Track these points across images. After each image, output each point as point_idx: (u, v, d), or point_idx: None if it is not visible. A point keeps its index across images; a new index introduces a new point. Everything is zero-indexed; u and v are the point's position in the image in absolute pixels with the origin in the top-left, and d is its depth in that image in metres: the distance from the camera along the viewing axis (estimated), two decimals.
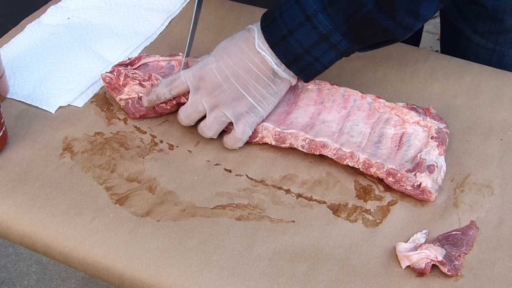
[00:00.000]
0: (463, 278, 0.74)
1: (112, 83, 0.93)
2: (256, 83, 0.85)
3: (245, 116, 0.86)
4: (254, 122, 0.87)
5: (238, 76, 0.84)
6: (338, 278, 0.74)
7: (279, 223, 0.80)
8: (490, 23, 1.05)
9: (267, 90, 0.86)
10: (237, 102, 0.85)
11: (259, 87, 0.85)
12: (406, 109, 0.89)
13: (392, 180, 0.82)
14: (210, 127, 0.87)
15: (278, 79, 0.85)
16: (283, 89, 0.87)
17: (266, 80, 0.85)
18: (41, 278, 1.77)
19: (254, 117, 0.86)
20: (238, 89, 0.85)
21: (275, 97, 0.87)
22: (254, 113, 0.86)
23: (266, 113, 0.88)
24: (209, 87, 0.85)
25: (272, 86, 0.86)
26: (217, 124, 0.87)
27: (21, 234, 0.81)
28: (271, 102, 0.87)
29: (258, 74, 0.84)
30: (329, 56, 0.83)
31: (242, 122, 0.86)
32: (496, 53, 1.07)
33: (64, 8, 1.11)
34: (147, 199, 0.83)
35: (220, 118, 0.86)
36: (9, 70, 0.98)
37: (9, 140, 0.90)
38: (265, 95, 0.86)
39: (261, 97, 0.86)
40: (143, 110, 0.92)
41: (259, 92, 0.85)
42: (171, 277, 0.75)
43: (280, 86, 0.86)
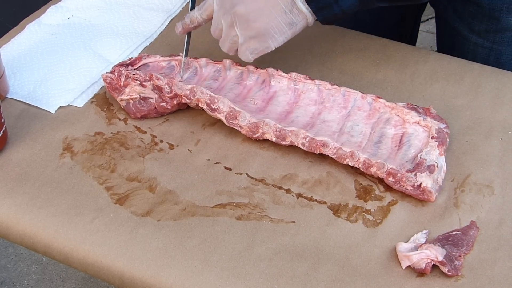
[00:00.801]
0: (463, 278, 0.74)
1: (113, 83, 0.93)
2: (272, 8, 0.84)
3: (250, 41, 0.86)
4: (257, 49, 0.87)
5: (255, 0, 0.84)
6: (338, 278, 0.74)
7: (279, 224, 0.80)
8: (486, 22, 1.05)
9: (282, 18, 0.85)
10: (248, 24, 0.85)
11: (274, 13, 0.84)
12: (407, 109, 0.89)
13: (393, 180, 0.82)
14: (223, 43, 0.89)
15: (295, 10, 0.85)
16: (299, 23, 0.86)
17: (283, 7, 0.84)
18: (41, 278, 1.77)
19: (259, 44, 0.86)
20: (252, 12, 0.85)
21: (289, 28, 0.86)
22: (261, 40, 0.86)
23: (276, 45, 0.87)
24: (227, 6, 0.86)
25: (288, 15, 0.85)
26: (229, 42, 0.88)
27: (21, 234, 0.81)
28: (284, 33, 0.86)
29: (276, 1, 0.84)
30: (349, 1, 0.83)
31: (245, 46, 0.87)
32: (494, 52, 1.07)
33: (64, 8, 1.11)
34: (147, 198, 0.83)
35: (232, 37, 0.87)
36: (9, 70, 0.98)
37: (9, 140, 0.90)
38: (279, 23, 0.85)
39: (274, 25, 0.85)
40: (144, 110, 0.92)
41: (273, 18, 0.85)
42: (171, 277, 0.75)
43: (297, 17, 0.85)
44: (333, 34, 1.06)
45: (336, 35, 1.06)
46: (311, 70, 1.00)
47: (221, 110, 0.88)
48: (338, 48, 1.03)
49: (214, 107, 0.88)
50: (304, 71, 0.98)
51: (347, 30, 1.07)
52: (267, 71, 0.94)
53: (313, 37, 1.05)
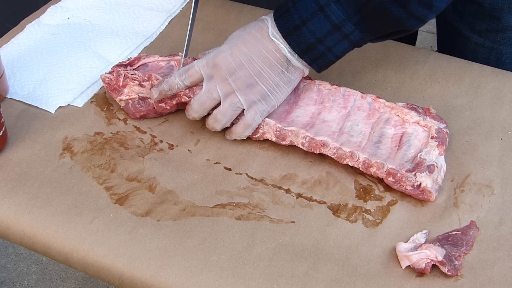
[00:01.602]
0: (463, 278, 0.74)
1: (111, 84, 0.93)
2: (270, 70, 0.85)
3: (257, 104, 0.86)
4: (265, 110, 0.87)
5: (252, 63, 0.85)
6: (338, 278, 0.74)
7: (279, 224, 0.80)
8: (487, 22, 1.05)
9: (280, 78, 0.86)
10: (250, 89, 0.85)
11: (272, 74, 0.85)
12: (406, 109, 0.89)
13: (392, 180, 0.82)
14: (225, 114, 0.87)
15: (291, 67, 0.86)
16: (296, 79, 0.88)
17: (279, 67, 0.85)
18: (41, 278, 1.77)
19: (265, 105, 0.87)
20: (252, 76, 0.85)
21: (288, 86, 0.87)
22: (266, 101, 0.86)
23: (278, 103, 0.88)
24: (224, 73, 0.85)
25: (286, 74, 0.86)
26: (232, 111, 0.87)
27: (21, 234, 0.81)
28: (284, 91, 0.87)
29: (272, 61, 0.85)
30: (342, 46, 0.84)
31: (253, 109, 0.86)
32: (494, 51, 1.07)
33: (64, 8, 1.11)
34: (147, 198, 0.83)
35: (235, 104, 0.86)
36: (9, 70, 0.98)
37: (9, 140, 0.90)
38: (279, 83, 0.86)
39: (274, 85, 0.86)
40: (143, 111, 0.92)
41: (272, 79, 0.86)
42: (171, 277, 0.75)
43: (294, 74, 0.87)
44: None
45: None
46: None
47: None
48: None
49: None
50: None
51: None
52: None
53: None
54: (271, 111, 0.88)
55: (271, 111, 0.88)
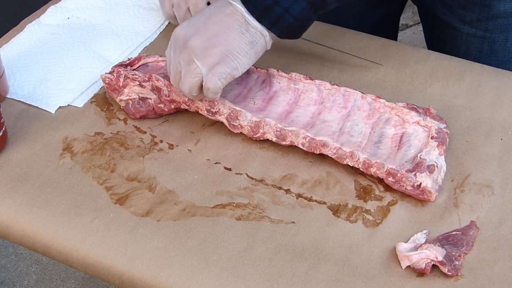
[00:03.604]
0: (463, 278, 0.74)
1: (112, 84, 0.93)
2: (228, 31, 0.83)
3: (215, 67, 0.83)
4: (225, 73, 0.84)
5: (209, 28, 0.83)
6: (338, 278, 0.74)
7: (279, 224, 0.80)
8: (478, 11, 1.05)
9: (240, 38, 0.83)
10: (207, 53, 0.83)
11: (231, 35, 0.83)
12: (406, 109, 0.89)
13: (392, 180, 0.82)
14: (184, 82, 0.85)
15: (251, 28, 0.83)
16: (259, 42, 0.84)
17: (238, 28, 0.83)
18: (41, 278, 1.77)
19: (225, 67, 0.84)
20: (209, 39, 0.83)
21: (250, 47, 0.84)
22: (226, 63, 0.83)
23: (242, 67, 0.85)
24: (181, 43, 0.84)
25: (246, 34, 0.83)
26: (191, 77, 0.84)
27: (21, 234, 0.81)
28: (246, 54, 0.84)
29: (230, 23, 0.83)
30: (299, 7, 0.81)
31: (211, 72, 0.84)
32: (487, 40, 1.07)
33: (64, 8, 1.11)
34: (147, 198, 0.83)
35: (193, 70, 0.84)
36: (9, 70, 0.98)
37: (9, 140, 0.90)
38: (239, 44, 0.83)
39: (235, 46, 0.83)
40: (143, 111, 0.92)
41: (231, 40, 0.83)
42: (171, 277, 0.75)
43: (255, 36, 0.83)
44: (333, 34, 1.06)
45: (336, 35, 1.06)
46: (311, 70, 1.00)
47: (222, 112, 0.88)
48: (338, 47, 1.03)
49: (214, 110, 0.88)
50: (304, 71, 0.98)
51: (347, 30, 1.07)
52: (267, 71, 0.94)
53: (313, 37, 1.05)
54: (236, 76, 0.85)
55: (235, 76, 0.84)
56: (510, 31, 1.05)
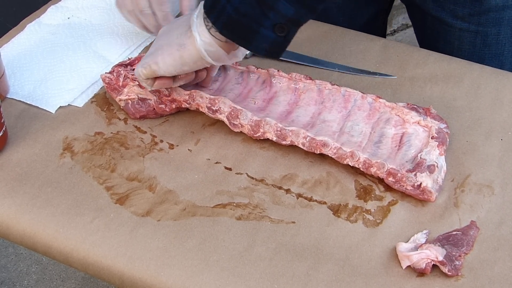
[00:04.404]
0: (463, 278, 0.74)
1: (111, 83, 0.93)
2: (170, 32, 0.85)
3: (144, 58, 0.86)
4: (146, 63, 0.84)
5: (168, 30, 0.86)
6: (338, 278, 0.74)
7: (279, 224, 0.80)
8: (469, 6, 1.05)
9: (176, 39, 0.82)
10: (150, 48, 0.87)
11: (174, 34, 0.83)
12: (407, 109, 0.89)
13: (393, 180, 0.82)
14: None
15: (189, 33, 0.81)
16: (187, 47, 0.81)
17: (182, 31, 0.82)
18: (41, 278, 1.76)
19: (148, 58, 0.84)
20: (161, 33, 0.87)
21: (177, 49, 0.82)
22: (151, 56, 0.84)
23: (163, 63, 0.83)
24: None
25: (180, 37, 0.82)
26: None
27: (21, 234, 0.81)
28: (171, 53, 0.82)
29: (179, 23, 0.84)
30: None
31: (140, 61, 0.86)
32: (480, 34, 1.07)
33: (64, 8, 1.11)
34: (147, 198, 0.83)
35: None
36: (9, 70, 0.98)
37: (9, 140, 0.90)
38: (170, 42, 0.82)
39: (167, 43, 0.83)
40: (143, 111, 0.92)
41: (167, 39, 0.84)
42: (171, 277, 0.75)
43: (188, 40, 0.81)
44: (333, 35, 1.06)
45: (336, 36, 1.06)
46: (311, 70, 1.00)
47: (222, 111, 0.88)
48: (338, 49, 1.03)
49: (215, 108, 0.88)
50: (304, 71, 0.98)
51: (347, 31, 1.07)
52: (268, 71, 0.94)
53: (313, 38, 1.05)
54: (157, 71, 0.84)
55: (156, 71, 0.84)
56: (502, 25, 1.06)
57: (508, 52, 1.08)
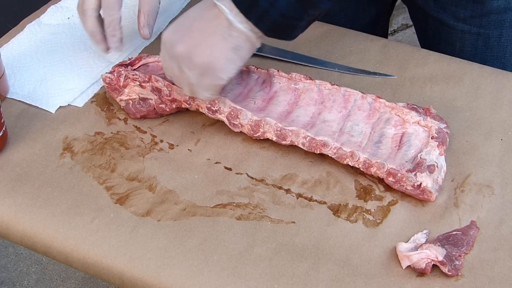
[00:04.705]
0: (463, 278, 0.74)
1: (112, 84, 0.93)
2: (210, 38, 0.80)
3: (201, 79, 0.82)
4: (210, 86, 0.83)
5: (192, 34, 0.81)
6: (338, 278, 0.74)
7: (279, 224, 0.80)
8: (471, 8, 1.05)
9: (223, 44, 0.80)
10: (193, 63, 0.81)
11: (214, 42, 0.80)
12: (407, 109, 0.89)
13: (393, 180, 0.82)
14: (182, 87, 0.85)
15: (234, 32, 0.79)
16: (244, 46, 0.81)
17: (221, 34, 0.79)
18: (41, 278, 1.77)
19: (209, 79, 0.82)
20: (192, 48, 0.80)
21: (234, 53, 0.80)
22: (209, 75, 0.81)
23: (227, 74, 0.82)
24: (169, 49, 0.83)
25: (229, 40, 0.80)
26: (187, 86, 0.84)
27: (21, 234, 0.81)
28: (231, 61, 0.81)
29: (213, 29, 0.80)
30: (284, 1, 0.77)
31: (198, 85, 0.83)
32: (482, 36, 1.07)
33: (64, 8, 1.11)
34: (147, 198, 0.83)
35: (185, 78, 0.83)
36: (9, 70, 0.98)
37: (9, 140, 0.90)
38: (222, 52, 0.80)
39: (218, 55, 0.80)
40: (143, 111, 0.92)
41: (214, 49, 0.80)
42: (171, 277, 0.75)
43: (239, 40, 0.80)
44: (333, 35, 1.06)
45: (336, 36, 1.06)
46: (311, 70, 1.00)
47: (222, 111, 0.88)
48: (338, 49, 1.03)
49: (214, 108, 0.88)
50: (304, 71, 0.98)
51: (347, 31, 1.07)
52: (268, 71, 0.94)
53: (313, 38, 1.05)
54: (222, 84, 0.83)
55: (221, 84, 0.83)
56: (504, 27, 1.06)
57: (510, 54, 1.08)
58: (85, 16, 0.92)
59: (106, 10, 0.91)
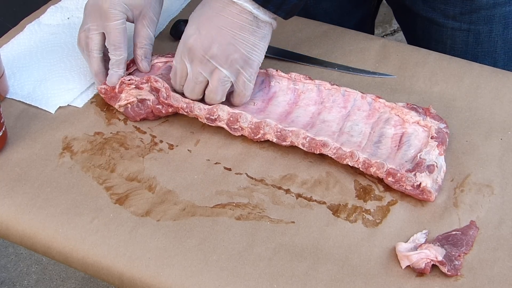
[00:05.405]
0: (463, 278, 0.74)
1: (108, 93, 0.92)
2: (242, 33, 0.85)
3: (242, 71, 0.86)
4: (252, 73, 0.88)
5: (223, 33, 0.84)
6: (338, 278, 0.74)
7: (278, 224, 0.80)
8: (460, 5, 1.05)
9: (254, 36, 0.85)
10: (231, 59, 0.85)
11: (246, 36, 0.85)
12: (406, 109, 0.89)
13: (392, 180, 0.82)
14: (217, 91, 0.87)
15: (261, 23, 0.85)
16: (268, 33, 0.87)
17: (250, 27, 0.85)
18: (41, 278, 1.77)
19: (250, 68, 0.87)
20: (227, 46, 0.85)
21: (263, 41, 0.87)
22: (250, 65, 0.87)
23: (260, 61, 0.88)
24: (200, 54, 0.85)
25: (258, 31, 0.85)
26: (222, 86, 0.87)
27: (21, 234, 0.81)
28: (262, 48, 0.87)
29: (241, 24, 0.84)
30: None
31: (241, 78, 0.87)
32: (472, 33, 1.08)
33: (64, 8, 1.11)
34: (147, 198, 0.83)
35: (223, 79, 0.86)
36: (9, 70, 0.98)
37: (9, 140, 0.90)
38: (254, 43, 0.86)
39: (252, 46, 0.86)
40: (142, 114, 0.92)
41: (248, 41, 0.85)
42: (171, 277, 0.75)
43: (265, 28, 0.86)
44: (333, 35, 1.06)
45: (336, 35, 1.06)
46: (311, 70, 1.00)
47: (221, 118, 0.88)
48: (338, 49, 1.03)
49: (214, 117, 0.88)
50: (304, 71, 0.98)
51: (347, 31, 1.07)
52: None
53: (313, 37, 1.05)
54: (258, 70, 0.89)
55: (258, 71, 0.89)
56: (494, 22, 1.06)
57: (500, 49, 1.08)
58: (90, 57, 0.93)
59: (113, 50, 0.92)
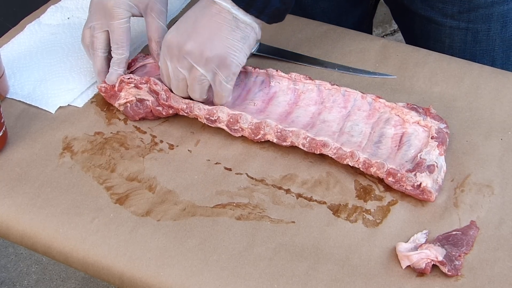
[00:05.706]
0: (463, 278, 0.74)
1: (108, 92, 0.93)
2: (219, 32, 0.83)
3: (218, 72, 0.85)
4: (229, 75, 0.86)
5: (199, 31, 0.84)
6: (338, 278, 0.74)
7: (279, 224, 0.80)
8: (459, 4, 1.05)
9: (232, 36, 0.84)
10: (206, 58, 0.84)
11: (223, 35, 0.83)
12: (406, 109, 0.89)
13: (392, 180, 0.82)
14: (194, 89, 0.86)
15: (241, 23, 0.84)
16: (250, 35, 0.85)
17: (228, 26, 0.83)
18: (41, 278, 1.77)
19: (227, 70, 0.85)
20: (203, 43, 0.83)
21: (244, 43, 0.85)
22: (227, 66, 0.85)
23: (240, 63, 0.86)
24: (177, 52, 0.85)
25: (237, 32, 0.84)
26: (198, 84, 0.86)
27: (21, 234, 0.81)
28: (241, 49, 0.85)
29: (220, 23, 0.83)
30: None
31: (217, 78, 0.85)
32: (470, 31, 1.08)
33: (64, 8, 1.11)
34: (147, 198, 0.83)
35: (199, 77, 0.85)
36: (9, 70, 0.98)
37: (9, 140, 0.90)
38: (233, 43, 0.84)
39: (230, 46, 0.84)
40: (141, 113, 0.92)
41: (224, 41, 0.84)
42: (171, 277, 0.75)
43: (246, 31, 0.84)
44: (333, 35, 1.06)
45: (336, 36, 1.06)
46: (311, 71, 1.00)
47: (221, 120, 0.88)
48: (338, 49, 1.03)
49: (213, 118, 0.88)
50: (304, 71, 0.98)
51: (347, 31, 1.07)
52: (266, 72, 0.94)
53: (312, 38, 1.05)
54: (237, 74, 0.86)
55: (236, 74, 0.86)
56: (492, 21, 1.06)
57: (498, 47, 1.08)
58: (95, 56, 0.93)
59: (115, 49, 0.92)
